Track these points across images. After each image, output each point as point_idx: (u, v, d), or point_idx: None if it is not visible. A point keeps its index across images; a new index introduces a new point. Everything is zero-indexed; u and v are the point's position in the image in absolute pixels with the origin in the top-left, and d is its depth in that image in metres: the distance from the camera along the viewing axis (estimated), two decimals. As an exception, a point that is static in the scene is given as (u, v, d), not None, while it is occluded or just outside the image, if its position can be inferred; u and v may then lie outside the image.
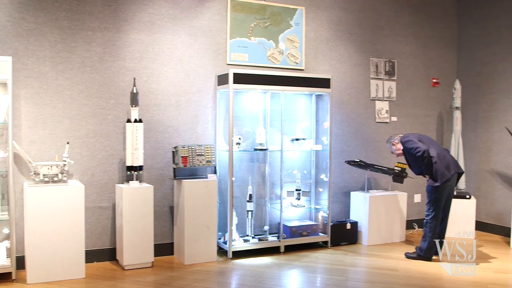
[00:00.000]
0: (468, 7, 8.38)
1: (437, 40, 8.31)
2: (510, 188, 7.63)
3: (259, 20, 6.66)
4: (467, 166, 7.96)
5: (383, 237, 7.09)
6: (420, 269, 5.89)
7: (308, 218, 7.03)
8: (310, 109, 7.01)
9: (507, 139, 7.41)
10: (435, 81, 8.27)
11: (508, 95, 7.68)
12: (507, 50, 7.71)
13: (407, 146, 6.23)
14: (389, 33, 7.78)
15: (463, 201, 7.50)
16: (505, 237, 7.42)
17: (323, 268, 6.00)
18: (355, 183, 7.44)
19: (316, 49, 7.11)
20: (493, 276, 5.69)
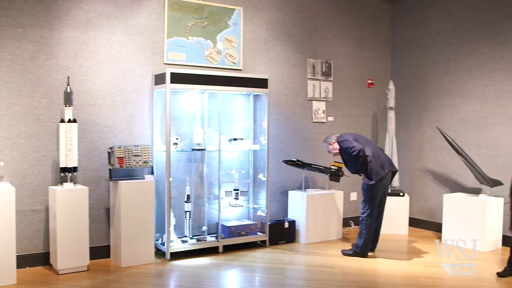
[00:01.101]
0: (402, 11, 8.71)
1: (372, 42, 8.59)
2: (441, 185, 7.99)
3: (196, 19, 6.68)
4: (400, 164, 8.27)
5: (320, 235, 7.27)
6: (356, 265, 6.10)
7: (247, 218, 7.12)
8: (248, 109, 7.10)
9: (438, 139, 7.76)
10: (370, 82, 8.54)
11: (439, 96, 8.03)
12: (438, 53, 8.07)
13: (343, 146, 6.41)
14: (326, 34, 7.97)
15: (397, 198, 7.80)
16: (437, 232, 7.78)
17: (262, 267, 6.11)
18: (293, 182, 7.59)
19: (254, 49, 7.20)
20: (425, 270, 5.98)
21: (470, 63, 7.60)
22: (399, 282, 5.52)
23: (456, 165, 7.69)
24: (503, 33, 7.17)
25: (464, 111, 7.67)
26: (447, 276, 5.87)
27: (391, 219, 7.69)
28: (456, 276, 5.76)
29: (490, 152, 7.30)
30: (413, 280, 5.57)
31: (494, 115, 7.27)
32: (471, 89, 7.59)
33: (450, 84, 7.89)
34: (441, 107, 8.00)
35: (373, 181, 6.28)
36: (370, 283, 5.53)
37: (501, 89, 7.19)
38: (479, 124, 7.46)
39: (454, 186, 7.79)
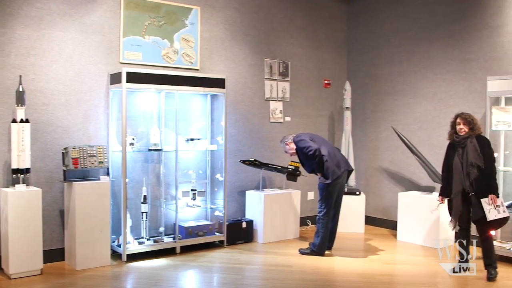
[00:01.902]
0: (357, 13, 8.87)
1: (329, 43, 8.71)
2: (396, 184, 8.16)
3: (153, 18, 6.64)
4: (356, 164, 8.41)
5: (278, 235, 7.32)
6: (314, 264, 6.18)
7: (204, 218, 7.12)
8: (205, 109, 7.10)
9: (393, 138, 7.93)
10: (326, 82, 8.65)
11: (393, 96, 8.21)
12: (392, 54, 8.25)
13: (299, 146, 6.49)
14: (283, 35, 8.05)
15: (353, 197, 7.93)
16: (392, 230, 7.95)
17: (219, 267, 6.12)
18: (250, 182, 7.62)
19: (211, 49, 7.20)
20: (381, 267, 6.12)
21: (423, 64, 7.80)
22: (356, 280, 5.63)
23: (411, 164, 7.87)
24: (454, 36, 7.39)
25: (417, 111, 7.87)
26: (402, 273, 6.04)
27: (347, 218, 7.82)
28: (411, 273, 5.92)
29: (442, 151, 7.45)
30: (370, 278, 5.69)
31: (446, 115, 7.45)
32: (424, 89, 7.79)
33: (404, 84, 8.08)
34: (396, 107, 8.19)
35: (329, 180, 6.37)
36: (328, 281, 5.62)
37: (452, 90, 7.41)
38: (432, 123, 7.67)
39: (409, 185, 7.98)
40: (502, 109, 6.46)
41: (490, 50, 6.98)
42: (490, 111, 6.48)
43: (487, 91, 6.49)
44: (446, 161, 5.81)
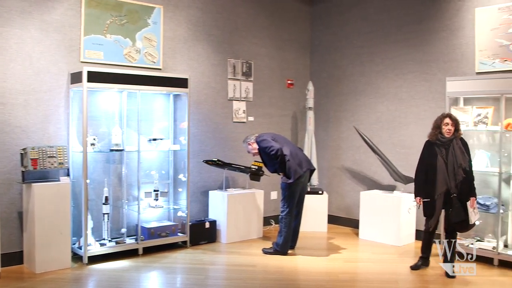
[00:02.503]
0: (320, 14, 8.96)
1: (292, 43, 8.77)
2: (358, 183, 8.28)
3: (115, 17, 6.57)
4: (319, 163, 8.50)
5: (241, 235, 7.35)
6: (277, 263, 6.23)
7: (167, 219, 7.09)
8: (168, 109, 7.07)
9: (355, 138, 8.04)
10: (289, 83, 8.72)
11: (355, 96, 8.33)
12: (354, 54, 8.37)
13: (262, 145, 6.52)
14: (246, 35, 8.07)
15: (316, 196, 8.01)
16: (354, 228, 8.07)
17: (183, 268, 6.11)
18: (214, 182, 7.62)
19: (174, 48, 7.17)
20: (343, 266, 6.22)
21: (384, 64, 7.94)
22: (319, 278, 5.69)
23: (372, 163, 8.00)
24: (414, 37, 7.54)
25: (379, 111, 8.00)
26: (364, 271, 6.15)
27: (310, 217, 7.90)
28: (373, 271, 6.02)
29: (404, 150, 7.66)
30: (332, 276, 5.77)
31: (407, 115, 7.63)
32: (385, 89, 7.93)
33: (365, 85, 8.20)
34: (358, 107, 8.31)
35: (291, 180, 6.43)
36: (291, 281, 5.68)
37: (413, 90, 7.56)
38: (393, 123, 7.81)
39: (371, 184, 8.11)
40: (461, 109, 6.63)
41: (449, 52, 7.15)
42: (449, 111, 6.62)
43: (446, 92, 6.65)
44: (424, 161, 5.78)
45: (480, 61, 6.77)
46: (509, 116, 6.32)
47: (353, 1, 8.41)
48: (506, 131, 6.20)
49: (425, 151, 5.81)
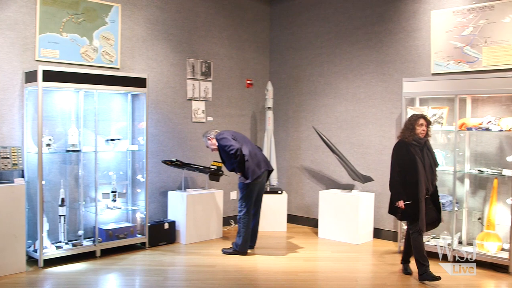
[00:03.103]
0: (280, 14, 9.01)
1: (251, 44, 8.80)
2: (317, 182, 8.37)
3: (72, 15, 6.46)
4: (279, 163, 8.56)
5: (201, 235, 7.33)
6: (237, 263, 6.25)
7: (125, 220, 7.01)
8: (126, 108, 6.99)
9: (314, 138, 8.12)
10: (249, 83, 8.74)
11: (314, 96, 8.41)
12: (313, 55, 8.45)
13: (221, 144, 6.52)
14: (205, 34, 8.05)
15: (275, 196, 8.06)
16: (313, 227, 8.15)
17: (141, 269, 6.06)
18: (173, 182, 7.58)
19: (132, 47, 7.10)
20: (302, 265, 6.28)
21: (343, 65, 8.05)
22: (278, 278, 5.73)
23: (331, 163, 8.10)
24: (373, 38, 7.67)
25: (338, 111, 8.10)
26: (324, 269, 6.23)
27: (270, 217, 7.95)
28: (332, 269, 6.10)
29: (361, 150, 7.78)
30: (292, 275, 5.82)
31: (365, 115, 7.75)
32: (344, 90, 8.03)
33: (324, 85, 8.30)
34: (317, 107, 8.39)
35: (249, 180, 6.45)
36: (250, 280, 5.70)
37: (371, 90, 7.69)
38: (351, 123, 7.93)
39: (329, 183, 8.21)
40: (417, 110, 6.77)
41: (405, 53, 7.30)
42: (406, 111, 6.78)
43: (403, 92, 6.79)
44: (402, 163, 5.57)
45: (435, 63, 6.94)
46: (463, 116, 6.51)
47: (312, 2, 8.49)
48: (460, 130, 6.37)
49: (400, 153, 5.60)
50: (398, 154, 5.63)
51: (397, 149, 5.66)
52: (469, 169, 6.51)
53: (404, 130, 5.64)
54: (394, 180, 5.61)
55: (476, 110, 6.55)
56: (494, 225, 6.16)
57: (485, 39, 6.49)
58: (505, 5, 6.33)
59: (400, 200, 5.51)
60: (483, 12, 6.51)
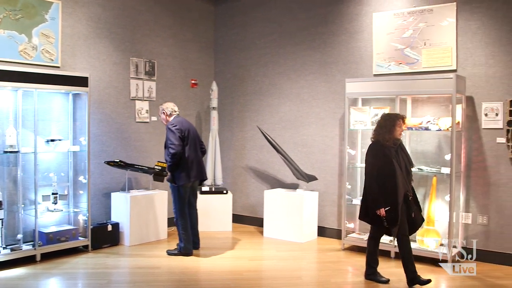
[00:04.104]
0: (224, 14, 8.99)
1: (196, 43, 8.74)
2: (262, 182, 8.40)
3: (9, 11, 6.23)
4: (224, 163, 8.55)
5: (145, 236, 7.24)
6: (182, 264, 6.20)
7: (67, 223, 6.83)
8: (67, 108, 6.81)
9: (259, 137, 8.15)
10: (193, 82, 8.68)
11: (259, 96, 8.44)
12: (258, 55, 8.48)
13: (169, 133, 6.36)
14: (149, 33, 7.94)
15: (220, 196, 8.06)
16: (259, 227, 8.18)
17: (84, 273, 5.92)
18: (116, 183, 7.44)
19: (73, 46, 6.92)
20: (248, 264, 6.30)
21: (287, 66, 8.11)
22: (224, 278, 5.72)
23: (276, 162, 8.15)
24: (316, 39, 7.77)
25: (282, 111, 8.16)
26: (269, 268, 6.26)
27: (215, 217, 7.94)
28: (277, 268, 6.14)
29: (305, 149, 7.86)
30: (237, 275, 5.82)
31: (309, 115, 7.84)
32: (288, 90, 8.10)
33: (269, 85, 8.34)
34: (262, 108, 8.43)
35: (176, 184, 6.41)
36: (196, 281, 5.68)
37: (314, 90, 7.78)
38: (295, 123, 8.00)
39: (274, 182, 8.26)
40: (359, 110, 6.91)
41: (348, 54, 7.43)
42: (349, 111, 6.90)
43: (346, 93, 6.90)
44: (381, 167, 5.23)
45: (377, 64, 7.10)
46: (403, 116, 6.68)
47: (257, 2, 8.52)
48: (400, 130, 6.53)
49: (378, 156, 5.27)
50: (376, 157, 5.28)
51: (375, 152, 5.32)
52: (410, 167, 6.69)
53: (382, 132, 5.28)
54: (373, 186, 5.25)
55: (416, 110, 6.74)
56: (434, 221, 6.37)
57: (424, 41, 6.70)
58: (444, 9, 6.55)
59: (381, 208, 5.16)
60: (422, 15, 6.71)
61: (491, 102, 6.28)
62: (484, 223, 6.34)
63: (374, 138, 5.39)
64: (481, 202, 6.37)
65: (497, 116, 6.23)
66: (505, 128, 6.15)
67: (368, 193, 5.35)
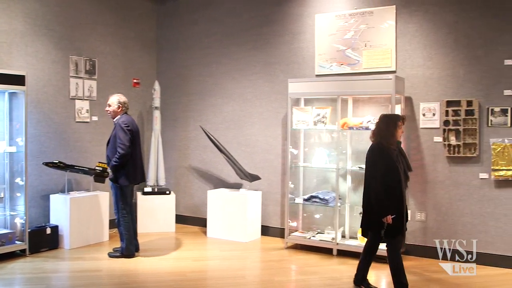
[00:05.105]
0: (167, 13, 8.87)
1: (138, 42, 8.58)
2: (206, 182, 8.34)
3: None
4: (167, 163, 8.43)
5: (86, 239, 7.05)
6: (123, 266, 6.08)
7: (3, 226, 6.57)
8: (3, 108, 6.54)
9: (203, 137, 8.08)
10: (135, 82, 8.52)
11: (202, 96, 8.37)
12: (202, 55, 8.41)
13: (119, 131, 6.20)
14: (90, 31, 7.73)
15: (163, 196, 7.97)
16: (202, 227, 8.11)
17: (21, 278, 5.70)
18: (55, 185, 7.20)
19: (10, 43, 6.65)
20: (191, 265, 6.24)
21: (231, 65, 8.08)
22: (167, 279, 5.64)
23: (219, 162, 8.11)
24: (260, 39, 7.77)
25: (225, 111, 8.13)
26: (212, 268, 6.24)
27: (158, 218, 7.85)
28: (221, 268, 6.11)
29: (249, 149, 7.86)
30: (180, 276, 5.75)
31: (252, 115, 7.84)
32: (231, 90, 8.07)
33: (213, 85, 8.29)
34: (205, 107, 8.36)
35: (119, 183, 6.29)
36: (138, 283, 5.57)
37: (257, 90, 7.78)
38: (238, 123, 7.98)
39: (218, 182, 8.21)
40: (302, 109, 6.96)
41: (291, 55, 7.47)
42: (291, 111, 6.94)
43: (288, 93, 6.94)
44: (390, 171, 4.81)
45: (319, 64, 7.17)
46: (345, 116, 6.78)
47: (201, 2, 8.45)
48: (342, 130, 6.62)
49: (384, 159, 4.85)
50: (380, 161, 4.86)
51: (380, 155, 4.88)
52: (351, 166, 6.80)
53: (384, 134, 4.92)
54: (378, 191, 4.81)
55: (357, 110, 6.85)
56: (374, 219, 6.47)
57: (365, 43, 6.82)
58: (384, 12, 6.69)
59: (389, 214, 4.75)
60: (363, 17, 6.82)
61: (429, 103, 6.46)
62: (422, 219, 6.51)
63: (375, 140, 4.97)
64: (419, 199, 6.54)
65: (434, 116, 6.41)
66: (442, 128, 6.34)
67: (373, 198, 4.87)
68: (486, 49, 6.17)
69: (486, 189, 6.18)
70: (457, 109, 6.23)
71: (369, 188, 4.94)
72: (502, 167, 6.02)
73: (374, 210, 4.86)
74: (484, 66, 6.18)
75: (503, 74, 6.08)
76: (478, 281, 5.49)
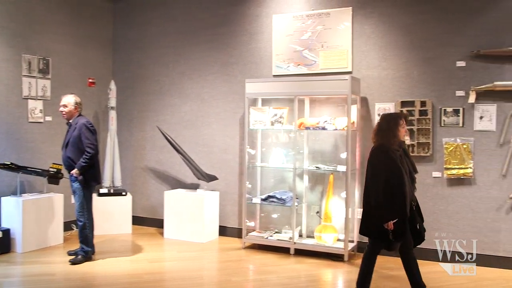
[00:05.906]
0: (123, 11, 8.70)
1: (93, 41, 8.40)
2: (163, 183, 8.24)
3: None
4: (122, 164, 8.28)
5: (40, 242, 6.84)
6: (79, 269, 5.93)
7: (-49, 230, 6.31)
8: (-49, 107, 6.30)
9: (159, 138, 7.97)
10: (91, 81, 8.33)
11: (159, 96, 8.26)
12: (159, 54, 8.30)
13: (87, 134, 6.06)
14: (44, 29, 7.52)
15: (119, 198, 7.83)
16: (159, 228, 8.00)
17: (-30, 284, 5.48)
18: (7, 187, 6.97)
19: (-43, 40, 6.41)
20: (148, 266, 6.14)
21: (188, 65, 8.00)
22: (123, 281, 5.53)
23: (176, 163, 8.01)
24: (218, 39, 7.72)
25: (183, 111, 8.04)
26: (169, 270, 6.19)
27: (114, 219, 7.70)
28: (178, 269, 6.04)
29: (206, 149, 7.80)
30: (137, 278, 5.65)
31: (209, 115, 7.78)
32: (189, 90, 7.99)
33: (170, 85, 8.19)
34: (162, 107, 8.25)
35: (91, 184, 6.21)
36: (94, 286, 5.44)
37: (215, 90, 7.73)
38: (196, 123, 7.91)
39: (175, 183, 8.12)
40: (259, 110, 6.94)
41: (248, 55, 7.45)
42: (248, 111, 6.92)
43: (246, 93, 6.92)
44: (393, 174, 4.51)
45: (276, 65, 7.17)
46: (302, 116, 6.81)
47: (157, 1, 8.31)
48: (299, 130, 6.64)
49: (385, 162, 4.55)
50: (382, 163, 4.58)
51: (381, 157, 4.60)
52: (308, 166, 6.83)
53: (386, 135, 4.65)
54: (379, 196, 4.52)
55: (314, 110, 6.89)
56: (331, 217, 6.53)
57: (322, 43, 6.86)
58: (341, 13, 6.74)
59: (391, 220, 4.46)
60: (320, 19, 6.85)
61: (384, 103, 6.55)
62: (377, 218, 6.57)
63: (377, 141, 4.69)
64: (374, 198, 6.60)
65: (389, 117, 6.49)
66: (396, 128, 6.42)
67: (373, 204, 4.58)
68: (439, 50, 6.30)
69: (439, 187, 6.31)
70: (411, 109, 6.34)
71: (369, 193, 4.65)
72: (454, 166, 6.16)
73: (375, 215, 4.58)
74: (437, 68, 6.31)
75: (455, 75, 6.21)
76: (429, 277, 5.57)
